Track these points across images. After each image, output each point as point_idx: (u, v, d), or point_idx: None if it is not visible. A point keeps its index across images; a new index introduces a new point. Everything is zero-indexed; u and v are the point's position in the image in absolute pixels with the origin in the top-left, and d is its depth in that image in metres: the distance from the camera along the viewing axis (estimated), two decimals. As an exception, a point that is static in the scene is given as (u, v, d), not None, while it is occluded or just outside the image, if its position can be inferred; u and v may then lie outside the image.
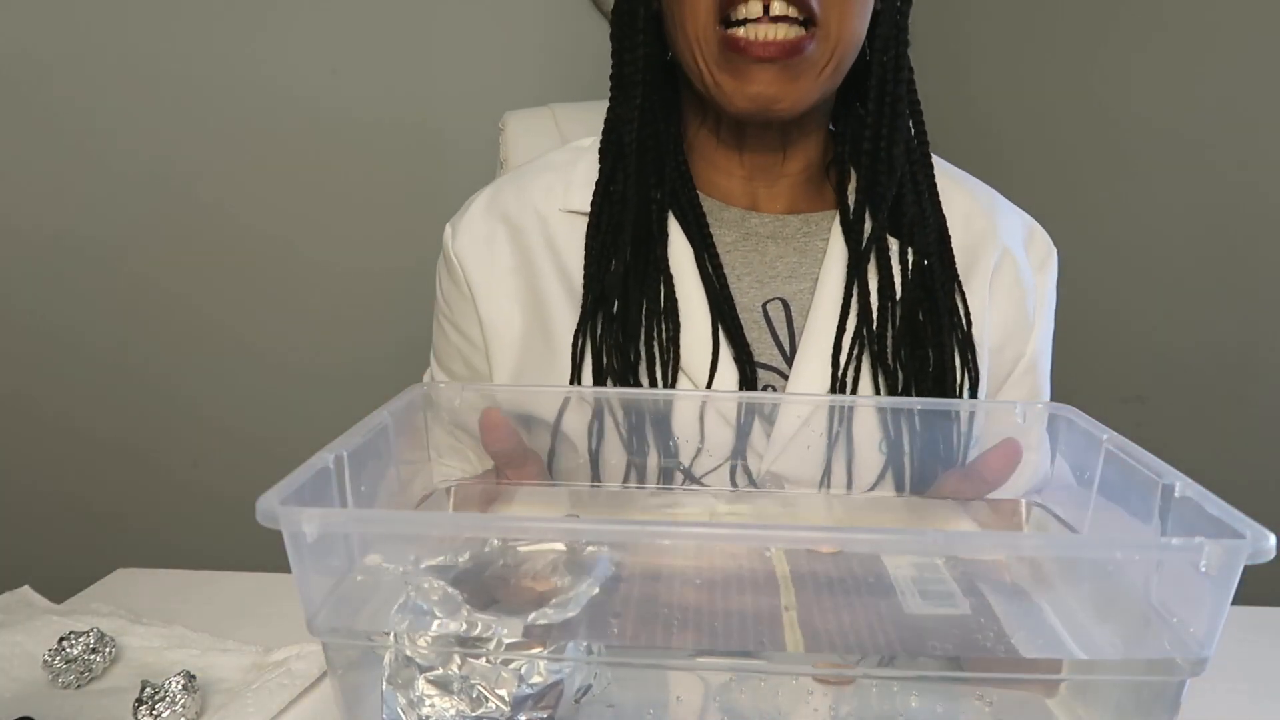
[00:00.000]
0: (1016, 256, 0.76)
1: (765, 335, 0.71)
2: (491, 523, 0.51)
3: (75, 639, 0.57)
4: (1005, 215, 0.78)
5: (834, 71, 0.68)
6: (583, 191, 0.74)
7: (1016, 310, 0.76)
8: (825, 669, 0.42)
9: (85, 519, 1.67)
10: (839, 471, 0.64)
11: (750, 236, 0.74)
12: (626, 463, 0.64)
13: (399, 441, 0.53)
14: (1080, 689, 0.43)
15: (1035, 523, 0.59)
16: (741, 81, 0.66)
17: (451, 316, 0.77)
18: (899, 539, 0.45)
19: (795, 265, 0.73)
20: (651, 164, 0.72)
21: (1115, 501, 0.50)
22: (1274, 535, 0.37)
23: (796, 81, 0.66)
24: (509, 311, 0.74)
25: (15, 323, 1.61)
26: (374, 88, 1.62)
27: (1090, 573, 0.48)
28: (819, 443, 0.64)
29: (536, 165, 0.78)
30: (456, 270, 0.75)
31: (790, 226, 0.74)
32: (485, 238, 0.75)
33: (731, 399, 0.66)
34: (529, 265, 0.74)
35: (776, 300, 0.72)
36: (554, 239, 0.74)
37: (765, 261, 0.73)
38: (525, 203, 0.75)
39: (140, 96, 1.56)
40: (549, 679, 0.40)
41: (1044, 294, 0.78)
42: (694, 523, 0.60)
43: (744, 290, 0.72)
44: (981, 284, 0.74)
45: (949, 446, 0.62)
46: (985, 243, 0.75)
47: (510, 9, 1.63)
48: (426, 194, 1.61)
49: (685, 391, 0.68)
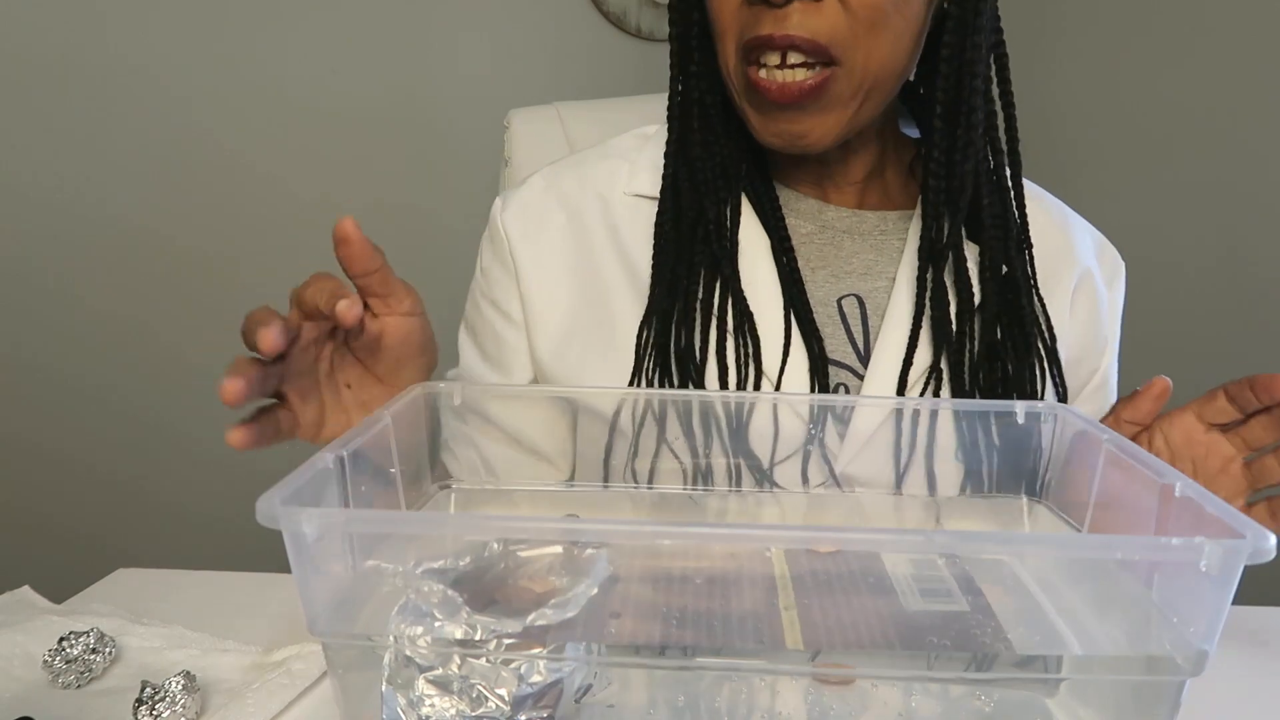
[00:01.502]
0: (1094, 273, 0.75)
1: (840, 331, 0.69)
2: (491, 523, 0.51)
3: (75, 639, 0.56)
4: (1078, 231, 0.77)
5: (865, 103, 0.64)
6: (649, 175, 0.72)
7: (1094, 329, 0.75)
8: (825, 669, 0.42)
9: (85, 519, 1.67)
10: (915, 476, 0.62)
11: (827, 229, 0.72)
12: (692, 465, 0.61)
13: (399, 441, 0.53)
14: (1080, 688, 0.43)
15: (1035, 522, 0.59)
16: (766, 119, 0.65)
17: (489, 291, 0.75)
18: (898, 539, 0.45)
19: (871, 263, 0.71)
20: (725, 152, 0.69)
21: (1115, 501, 0.50)
22: (1274, 535, 0.37)
23: (821, 117, 0.64)
24: (554, 292, 0.72)
25: (15, 323, 1.61)
26: (377, 86, 1.62)
27: (1090, 572, 0.48)
28: (890, 445, 0.62)
29: (599, 150, 0.76)
30: (501, 241, 0.73)
31: (867, 222, 0.72)
32: (538, 214, 0.73)
33: (804, 399, 0.64)
34: (587, 249, 0.72)
35: (852, 296, 0.70)
36: (616, 223, 0.72)
37: (841, 256, 0.71)
38: (586, 185, 0.73)
39: (140, 96, 1.56)
40: (549, 678, 0.40)
41: (1115, 309, 0.77)
42: (694, 523, 0.60)
43: (819, 284, 0.70)
44: (1062, 299, 0.73)
45: (1022, 451, 0.59)
46: (1064, 258, 0.74)
47: (514, 8, 1.63)
48: (430, 191, 1.61)
49: (752, 394, 0.65)
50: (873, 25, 0.60)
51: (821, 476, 0.64)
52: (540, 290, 0.72)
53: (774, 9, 0.60)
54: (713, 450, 0.61)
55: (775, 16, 0.60)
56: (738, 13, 0.62)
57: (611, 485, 0.66)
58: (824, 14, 0.60)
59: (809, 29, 0.60)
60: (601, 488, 0.68)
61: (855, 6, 0.60)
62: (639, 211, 0.71)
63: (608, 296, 0.71)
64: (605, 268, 0.71)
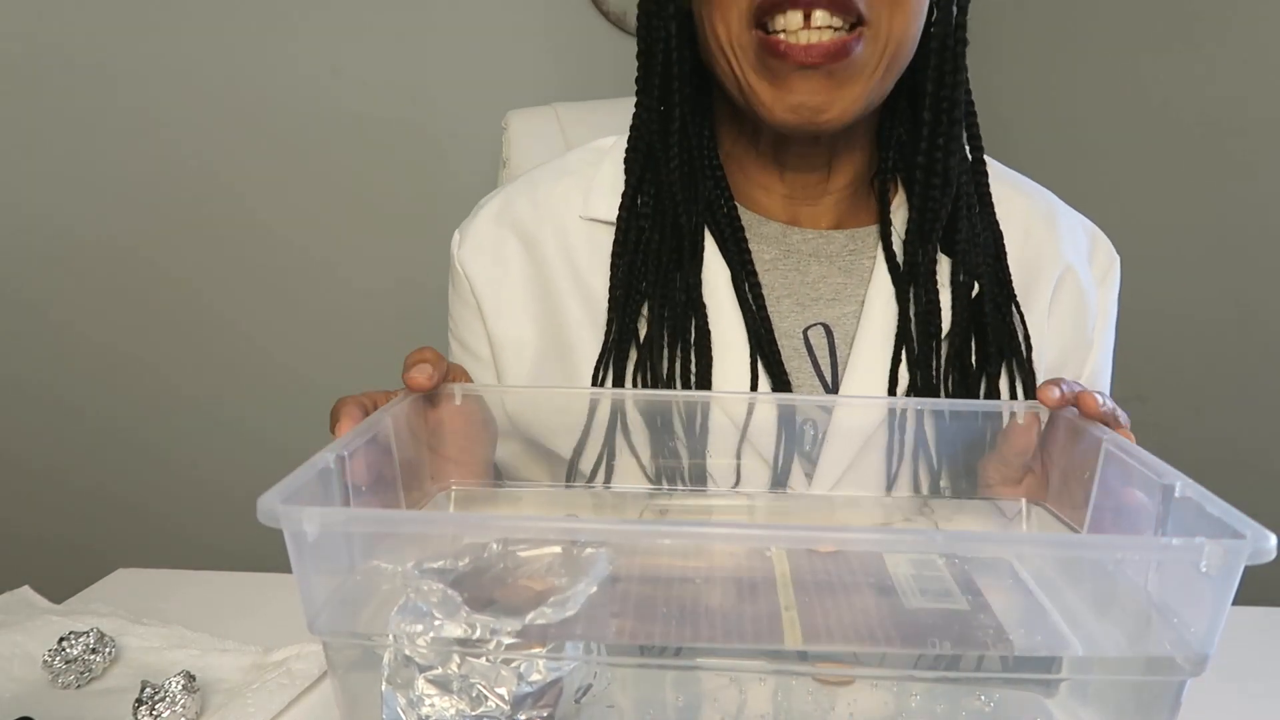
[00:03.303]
0: (1079, 272, 0.71)
1: (805, 365, 0.66)
2: (491, 522, 0.51)
3: (75, 639, 0.56)
4: (1066, 225, 0.73)
5: (885, 74, 0.61)
6: (605, 198, 0.68)
7: (1076, 330, 0.72)
8: (825, 669, 0.42)
9: (85, 519, 1.67)
10: (903, 477, 0.61)
11: (791, 254, 0.68)
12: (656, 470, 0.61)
13: (400, 442, 0.53)
14: (1080, 689, 0.43)
15: (1035, 523, 0.59)
16: (782, 90, 0.59)
17: (457, 331, 0.74)
18: (899, 538, 0.46)
19: (839, 287, 0.68)
20: (684, 175, 0.66)
21: (1115, 501, 0.50)
22: (1274, 535, 0.37)
23: (844, 88, 0.59)
24: (521, 326, 0.69)
25: (16, 323, 1.61)
26: (376, 87, 1.62)
27: (1090, 572, 0.48)
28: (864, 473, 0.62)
29: (552, 169, 0.73)
30: (462, 281, 0.71)
31: (835, 244, 0.69)
32: (494, 247, 0.70)
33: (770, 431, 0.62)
34: (543, 280, 0.69)
35: (818, 325, 0.67)
36: (572, 251, 0.69)
37: (807, 282, 0.68)
38: (541, 210, 0.70)
39: (140, 96, 1.56)
40: (549, 677, 0.40)
41: (1106, 309, 0.73)
42: (694, 522, 0.60)
43: (783, 314, 0.67)
44: (1041, 303, 0.70)
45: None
46: (1045, 258, 0.71)
47: (513, 8, 1.63)
48: (428, 193, 1.61)
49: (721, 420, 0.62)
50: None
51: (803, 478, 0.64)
52: (509, 328, 0.70)
53: None
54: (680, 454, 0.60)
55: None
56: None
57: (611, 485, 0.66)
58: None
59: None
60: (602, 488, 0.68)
61: None
62: (595, 238, 0.68)
63: (567, 334, 0.68)
64: (563, 297, 0.69)
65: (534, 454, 0.70)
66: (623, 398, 0.62)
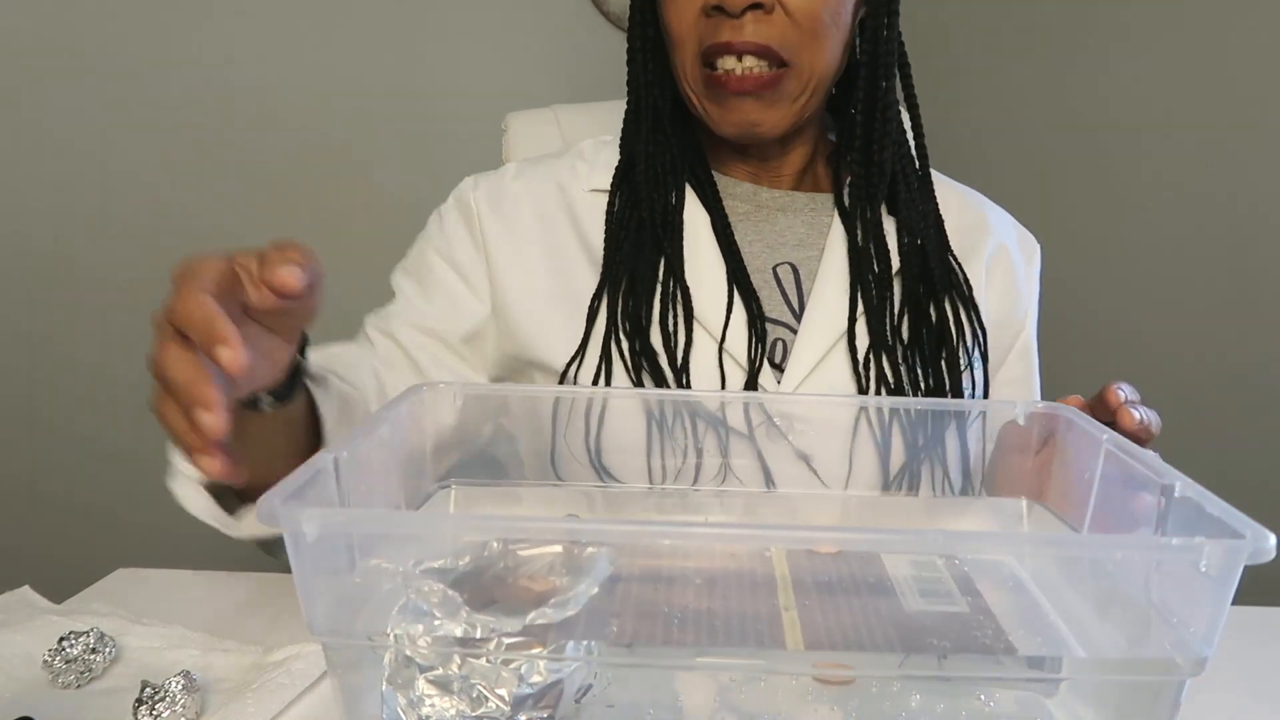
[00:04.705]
0: (1010, 249, 0.85)
1: (776, 294, 0.77)
2: (491, 522, 0.51)
3: (75, 639, 0.57)
4: (997, 216, 0.87)
5: (811, 97, 0.75)
6: (607, 173, 0.80)
7: (1012, 294, 0.83)
8: (825, 669, 0.42)
9: (85, 519, 1.66)
10: (859, 463, 0.67)
11: (761, 209, 0.81)
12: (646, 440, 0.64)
13: (399, 442, 0.53)
14: (1080, 688, 0.43)
15: (1035, 522, 0.59)
16: (725, 110, 0.74)
17: (449, 252, 0.79)
18: (899, 539, 0.45)
19: (803, 235, 0.80)
20: (669, 151, 0.79)
21: (1115, 501, 0.50)
22: (1274, 535, 0.37)
23: (772, 109, 0.74)
24: (525, 261, 0.78)
25: (15, 324, 1.61)
26: (376, 88, 1.62)
27: (1090, 572, 0.48)
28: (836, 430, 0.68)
29: (569, 152, 0.84)
30: (472, 213, 0.79)
31: (798, 201, 0.81)
32: (511, 197, 0.80)
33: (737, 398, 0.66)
34: (552, 234, 0.79)
35: (786, 264, 0.79)
36: (578, 215, 0.79)
37: (775, 231, 0.80)
38: (552, 179, 0.81)
39: (139, 97, 1.56)
40: (549, 678, 0.40)
41: (1033, 281, 0.86)
42: (694, 523, 0.60)
43: (755, 254, 0.78)
44: (978, 266, 0.81)
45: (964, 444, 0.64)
46: (979, 232, 0.83)
47: (514, 9, 1.63)
48: (428, 194, 1.60)
49: (701, 392, 0.71)
50: (814, 33, 0.71)
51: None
52: (511, 261, 0.78)
53: (731, 20, 0.70)
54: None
55: (732, 26, 0.70)
56: (696, 24, 0.72)
57: (610, 485, 0.66)
58: (774, 24, 0.70)
59: (762, 36, 0.70)
60: (601, 486, 0.68)
61: (799, 18, 0.71)
62: (597, 206, 0.79)
63: (569, 272, 0.78)
64: (567, 248, 0.78)
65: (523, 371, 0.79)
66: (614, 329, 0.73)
